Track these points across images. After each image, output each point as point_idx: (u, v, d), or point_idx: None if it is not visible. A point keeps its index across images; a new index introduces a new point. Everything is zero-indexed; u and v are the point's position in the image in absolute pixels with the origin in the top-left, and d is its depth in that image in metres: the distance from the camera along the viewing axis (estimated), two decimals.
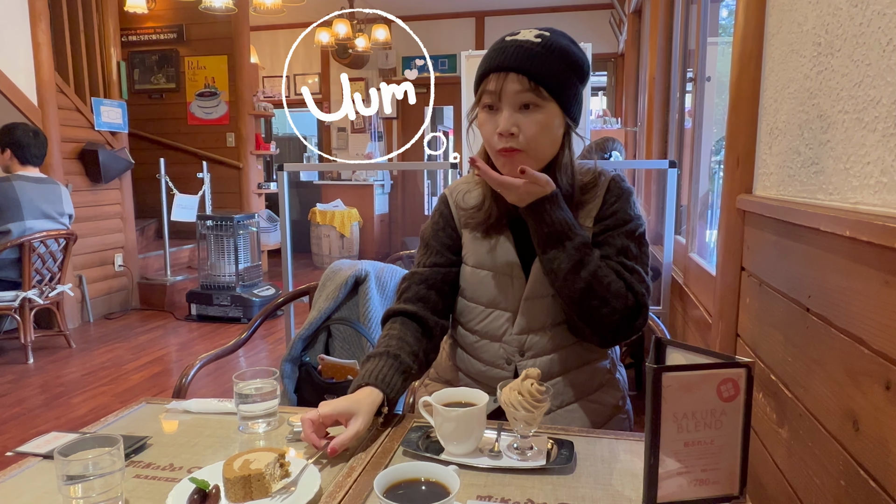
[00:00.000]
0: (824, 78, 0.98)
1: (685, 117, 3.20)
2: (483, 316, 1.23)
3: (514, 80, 1.06)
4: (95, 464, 0.80)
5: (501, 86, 1.07)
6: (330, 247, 7.00)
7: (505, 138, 1.08)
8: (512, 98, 1.07)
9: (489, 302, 1.22)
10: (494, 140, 1.10)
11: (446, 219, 1.28)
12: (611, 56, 7.01)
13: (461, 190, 1.28)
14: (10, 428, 2.83)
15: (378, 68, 7.68)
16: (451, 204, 1.28)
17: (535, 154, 1.11)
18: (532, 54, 1.07)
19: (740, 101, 1.38)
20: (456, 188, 1.30)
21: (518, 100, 1.07)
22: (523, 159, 1.10)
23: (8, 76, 3.99)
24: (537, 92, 1.07)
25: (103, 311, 4.86)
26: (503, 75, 1.07)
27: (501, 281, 1.20)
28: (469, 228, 1.24)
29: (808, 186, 1.03)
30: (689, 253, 2.46)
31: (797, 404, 1.01)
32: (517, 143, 1.08)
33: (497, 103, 1.09)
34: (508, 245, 1.20)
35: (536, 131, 1.08)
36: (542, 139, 1.10)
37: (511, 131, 1.07)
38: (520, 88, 1.07)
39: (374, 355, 1.14)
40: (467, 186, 1.28)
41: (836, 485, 0.86)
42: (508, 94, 1.07)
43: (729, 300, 1.43)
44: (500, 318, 1.21)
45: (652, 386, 0.79)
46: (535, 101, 1.07)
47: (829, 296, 0.91)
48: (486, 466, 0.92)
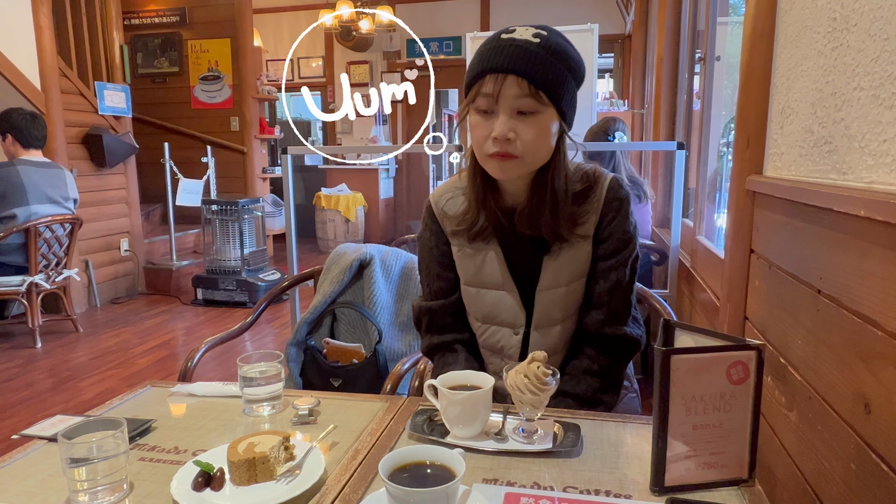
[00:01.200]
0: (839, 54, 0.95)
1: (693, 99, 3.16)
2: (482, 331, 1.24)
3: (514, 83, 1.01)
4: (99, 447, 0.80)
5: (500, 89, 1.01)
6: (335, 231, 6.99)
7: (500, 143, 1.03)
8: (510, 102, 1.02)
9: (485, 318, 1.22)
10: (487, 144, 1.05)
11: (436, 234, 1.24)
12: (618, 37, 6.92)
13: (446, 197, 1.23)
14: (19, 411, 2.85)
15: (382, 50, 7.61)
16: (438, 215, 1.23)
17: (530, 160, 1.07)
18: (531, 56, 1.01)
19: (751, 80, 1.36)
20: (441, 196, 1.24)
21: (516, 105, 1.02)
22: (517, 165, 1.06)
23: (11, 60, 3.97)
24: (537, 97, 1.02)
25: (110, 296, 4.88)
26: (501, 77, 1.01)
27: (494, 296, 1.19)
28: (456, 240, 1.21)
29: (822, 166, 1.01)
30: (697, 236, 2.44)
31: (807, 387, 1.00)
32: (513, 149, 1.04)
33: (493, 107, 1.03)
34: (497, 259, 1.17)
35: (534, 138, 1.04)
36: (539, 145, 1.05)
37: (508, 136, 1.02)
38: (518, 93, 1.01)
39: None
40: (452, 192, 1.23)
41: (847, 468, 0.85)
42: (507, 98, 1.02)
43: (737, 283, 1.41)
44: (497, 332, 1.21)
45: (661, 368, 0.77)
46: (534, 107, 1.02)
47: (841, 277, 0.89)
48: (491, 449, 0.91)
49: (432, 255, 1.25)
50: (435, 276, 1.25)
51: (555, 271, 1.15)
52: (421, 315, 1.28)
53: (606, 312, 1.16)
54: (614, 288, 1.15)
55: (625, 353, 1.19)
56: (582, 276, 1.16)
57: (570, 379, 1.17)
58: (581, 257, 1.15)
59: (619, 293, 1.16)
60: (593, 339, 1.18)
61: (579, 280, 1.16)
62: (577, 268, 1.15)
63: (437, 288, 1.25)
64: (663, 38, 3.62)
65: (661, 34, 3.67)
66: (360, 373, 1.98)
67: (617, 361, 1.19)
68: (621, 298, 1.16)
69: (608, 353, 1.17)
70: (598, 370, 1.16)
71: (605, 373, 1.17)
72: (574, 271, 1.15)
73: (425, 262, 1.27)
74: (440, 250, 1.24)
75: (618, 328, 1.16)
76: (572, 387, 1.15)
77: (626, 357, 1.21)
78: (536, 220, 1.12)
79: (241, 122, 6.27)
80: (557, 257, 1.14)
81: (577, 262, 1.15)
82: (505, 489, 0.81)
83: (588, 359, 1.17)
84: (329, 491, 0.81)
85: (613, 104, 5.33)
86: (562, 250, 1.14)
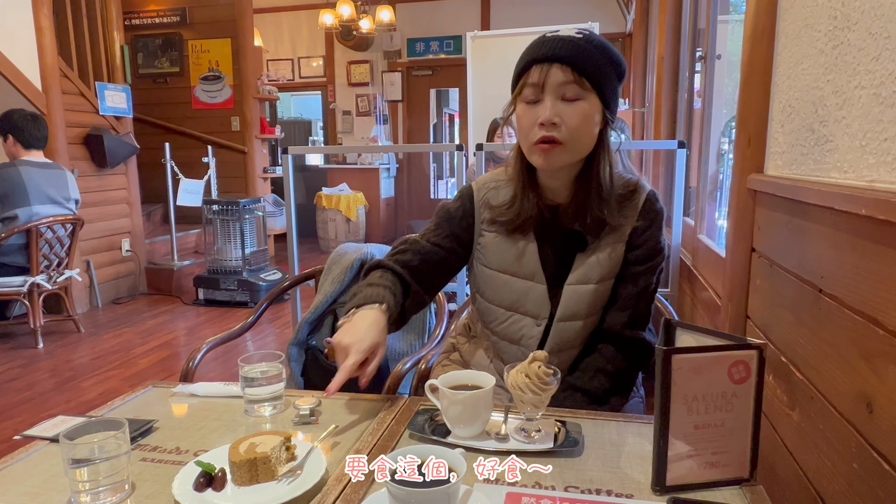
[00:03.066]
0: (840, 52, 0.95)
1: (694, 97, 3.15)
2: (504, 318, 1.24)
3: (559, 70, 1.06)
4: (101, 447, 0.80)
5: (545, 76, 1.07)
6: (336, 231, 6.99)
7: (546, 128, 1.07)
8: (555, 89, 1.07)
9: (510, 305, 1.23)
10: (534, 132, 1.09)
11: (467, 212, 1.25)
12: (618, 36, 6.91)
13: (490, 186, 1.25)
14: (21, 412, 2.85)
15: (383, 50, 7.61)
16: (477, 202, 1.24)
17: (574, 147, 1.10)
18: (576, 46, 1.07)
19: (752, 79, 1.35)
20: (485, 184, 1.26)
21: (561, 91, 1.07)
22: (561, 152, 1.09)
23: (11, 61, 3.97)
24: (581, 83, 1.06)
25: (111, 296, 4.88)
26: (546, 66, 1.07)
27: (523, 286, 1.21)
28: (494, 228, 1.22)
29: (822, 165, 1.01)
30: (698, 234, 2.44)
31: (808, 386, 1.00)
32: (558, 134, 1.08)
33: (539, 94, 1.08)
34: (533, 251, 1.20)
35: (579, 122, 1.08)
36: (583, 131, 1.09)
37: (554, 121, 1.07)
38: (563, 79, 1.06)
39: (362, 286, 1.17)
40: (496, 183, 1.25)
41: (849, 467, 0.85)
42: (552, 84, 1.07)
43: (739, 282, 1.41)
44: (519, 321, 1.23)
45: (662, 368, 0.77)
46: (578, 93, 1.07)
47: (842, 276, 0.89)
48: (492, 449, 0.91)
49: (451, 221, 1.25)
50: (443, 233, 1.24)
51: (587, 268, 1.18)
52: (402, 243, 1.28)
53: (630, 315, 1.19)
54: (642, 293, 1.20)
55: (640, 357, 1.22)
56: (611, 277, 1.19)
57: (582, 374, 1.19)
58: (614, 258, 1.18)
59: (645, 298, 1.20)
60: (612, 339, 1.21)
61: (609, 280, 1.19)
62: (608, 267, 1.18)
63: (435, 241, 1.25)
64: (664, 37, 3.61)
65: (662, 32, 3.66)
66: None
67: (631, 365, 1.21)
68: (646, 304, 1.21)
69: (625, 355, 1.20)
70: (612, 371, 1.19)
71: (618, 375, 1.19)
72: (605, 271, 1.18)
73: (441, 217, 1.27)
74: (461, 225, 1.25)
75: (637, 332, 1.20)
76: (584, 382, 1.18)
77: (640, 362, 1.23)
78: (583, 211, 1.15)
79: (242, 121, 6.28)
80: (591, 255, 1.18)
81: (610, 262, 1.18)
82: (506, 489, 0.81)
83: (604, 358, 1.20)
84: (330, 491, 0.81)
85: None
86: (597, 249, 1.18)
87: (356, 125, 7.86)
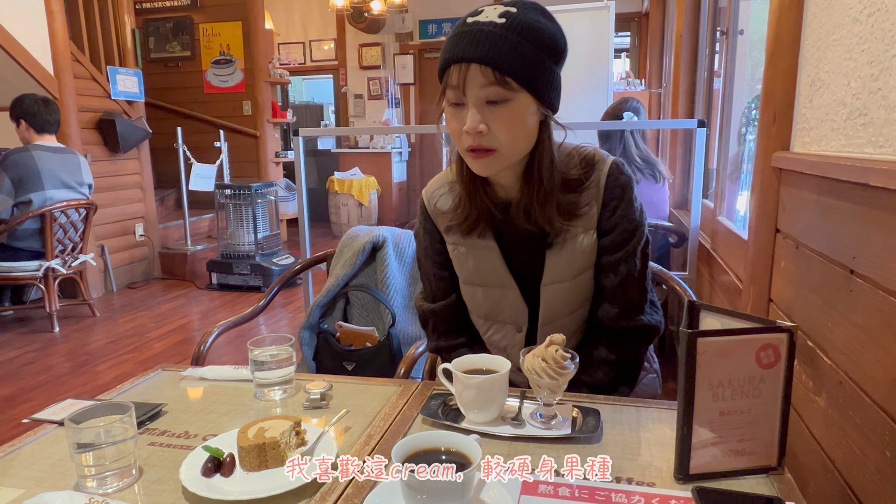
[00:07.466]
0: (876, 20, 0.90)
1: (713, 76, 3.08)
2: (485, 329, 1.20)
3: (478, 72, 0.92)
4: (107, 431, 0.78)
5: (464, 80, 0.93)
6: (348, 215, 6.97)
7: (473, 136, 0.96)
8: (477, 93, 0.94)
9: (486, 316, 1.18)
10: (463, 139, 0.98)
11: (431, 233, 1.19)
12: (635, 15, 6.78)
13: (438, 192, 1.18)
14: (38, 395, 2.88)
15: (394, 32, 7.52)
16: (431, 212, 1.18)
17: (509, 151, 0.99)
18: (494, 40, 0.92)
19: (778, 53, 1.30)
20: (433, 192, 1.19)
21: (484, 94, 0.94)
22: (496, 159, 0.99)
23: (24, 45, 3.96)
24: (504, 84, 0.93)
25: (126, 281, 4.91)
26: (465, 67, 0.93)
27: (495, 295, 1.15)
28: (452, 238, 1.15)
29: (855, 140, 0.96)
30: (718, 216, 2.38)
31: (838, 371, 0.96)
32: (488, 142, 0.96)
33: (462, 98, 0.96)
34: (494, 255, 1.12)
35: (507, 128, 0.96)
36: (516, 135, 0.97)
37: (479, 129, 0.95)
38: (484, 82, 0.93)
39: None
40: (444, 187, 1.17)
41: (881, 455, 0.81)
42: (472, 88, 0.94)
43: (762, 264, 1.37)
44: (500, 329, 1.18)
45: (686, 352, 0.74)
46: (503, 95, 0.94)
47: (877, 256, 0.85)
48: (508, 435, 0.88)
49: (428, 255, 1.21)
50: (433, 277, 1.22)
51: (559, 265, 1.09)
52: (427, 317, 1.25)
53: (621, 306, 1.11)
54: (626, 281, 1.09)
55: (644, 341, 1.16)
56: (589, 268, 1.11)
57: (584, 368, 1.12)
58: (586, 249, 1.08)
59: (631, 285, 1.10)
60: (610, 333, 1.14)
61: (586, 272, 1.11)
62: (582, 260, 1.09)
63: (437, 288, 1.22)
64: (683, 14, 3.52)
65: (681, 10, 3.57)
66: (374, 356, 1.97)
67: (636, 350, 1.16)
68: (635, 289, 1.11)
69: (626, 344, 1.14)
70: (615, 360, 1.13)
71: (622, 363, 1.13)
72: (580, 264, 1.09)
73: (422, 261, 1.24)
74: (435, 249, 1.19)
75: (635, 320, 1.12)
76: (588, 376, 1.12)
77: (645, 344, 1.18)
78: (529, 211, 1.05)
79: (254, 106, 6.25)
80: (560, 251, 1.08)
81: (583, 255, 1.09)
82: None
83: (605, 349, 1.13)
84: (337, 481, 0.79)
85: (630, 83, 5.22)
86: (565, 243, 1.08)
87: (368, 109, 7.80)
